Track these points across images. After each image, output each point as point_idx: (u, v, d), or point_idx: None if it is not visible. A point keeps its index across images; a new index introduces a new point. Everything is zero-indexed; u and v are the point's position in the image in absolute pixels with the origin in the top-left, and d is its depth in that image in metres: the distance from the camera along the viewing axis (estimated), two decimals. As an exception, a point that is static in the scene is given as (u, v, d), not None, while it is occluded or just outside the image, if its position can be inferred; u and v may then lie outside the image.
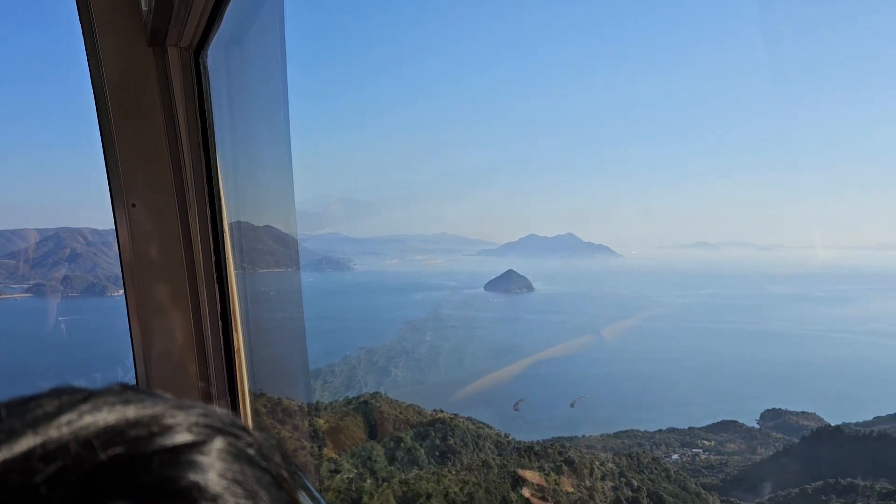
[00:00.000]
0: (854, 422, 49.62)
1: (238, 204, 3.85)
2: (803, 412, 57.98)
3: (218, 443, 0.65)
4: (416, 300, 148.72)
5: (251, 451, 0.67)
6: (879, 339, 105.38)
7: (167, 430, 0.63)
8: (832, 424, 48.20)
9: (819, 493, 36.31)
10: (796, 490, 37.89)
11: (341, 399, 44.26)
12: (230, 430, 0.68)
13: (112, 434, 0.61)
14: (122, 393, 0.68)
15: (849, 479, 36.54)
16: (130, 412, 0.64)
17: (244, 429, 0.70)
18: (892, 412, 52.10)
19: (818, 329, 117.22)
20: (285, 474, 0.70)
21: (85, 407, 0.63)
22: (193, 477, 0.60)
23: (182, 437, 0.63)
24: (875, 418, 51.61)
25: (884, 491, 34.36)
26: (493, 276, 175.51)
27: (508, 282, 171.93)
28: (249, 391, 3.55)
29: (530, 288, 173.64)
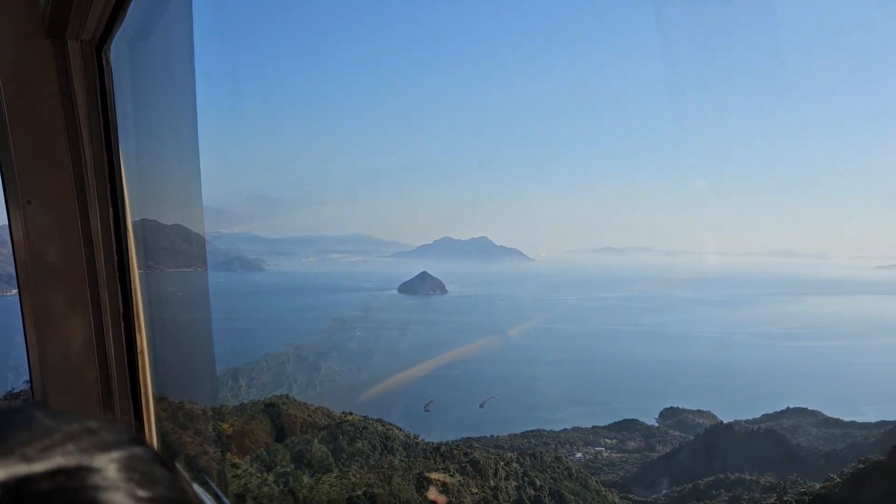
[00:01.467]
0: (745, 419, 52.63)
1: (143, 202, 3.76)
2: (699, 410, 60.92)
3: (113, 456, 0.66)
4: (329, 302, 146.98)
5: (145, 457, 0.69)
6: (767, 342, 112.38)
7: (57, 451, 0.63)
8: (724, 422, 50.95)
9: (710, 489, 38.21)
10: (690, 486, 39.71)
11: (248, 402, 43.14)
12: (123, 444, 0.69)
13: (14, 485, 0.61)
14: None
15: (737, 474, 38.63)
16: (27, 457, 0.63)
17: (135, 437, 0.72)
18: (778, 409, 55.60)
19: (715, 331, 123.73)
20: (181, 478, 0.73)
21: None
22: (94, 484, 0.62)
23: (73, 460, 0.64)
24: (763, 415, 54.92)
25: (767, 485, 36.48)
26: (408, 278, 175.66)
27: (423, 284, 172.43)
28: (153, 395, 3.47)
29: (444, 290, 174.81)
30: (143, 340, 3.23)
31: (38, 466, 0.61)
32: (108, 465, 0.64)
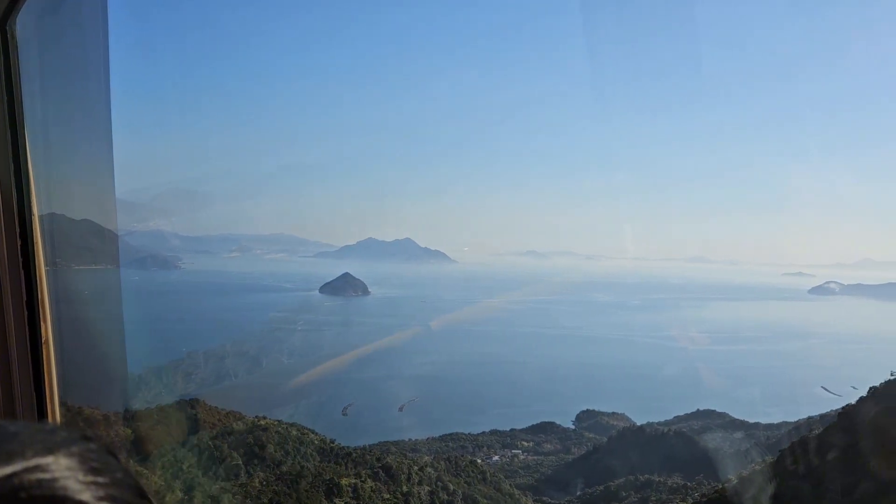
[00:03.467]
0: (657, 421, 54.50)
1: (50, 191, 3.57)
2: (614, 413, 62.75)
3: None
4: (247, 302, 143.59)
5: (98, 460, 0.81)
6: (679, 345, 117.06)
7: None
8: (637, 424, 52.62)
9: (620, 490, 39.32)
10: (601, 488, 40.71)
11: (154, 407, 41.37)
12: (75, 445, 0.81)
13: None
14: None
15: (647, 476, 39.88)
16: None
17: (86, 434, 0.84)
18: (689, 411, 57.94)
19: (631, 334, 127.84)
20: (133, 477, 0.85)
21: None
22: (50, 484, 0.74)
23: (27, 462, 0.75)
24: (675, 417, 57.09)
25: (675, 486, 37.79)
26: (330, 279, 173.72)
27: (345, 285, 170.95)
28: (58, 392, 3.29)
29: (366, 291, 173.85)
30: (47, 330, 3.06)
31: (9, 468, 0.74)
32: (65, 459, 0.77)
